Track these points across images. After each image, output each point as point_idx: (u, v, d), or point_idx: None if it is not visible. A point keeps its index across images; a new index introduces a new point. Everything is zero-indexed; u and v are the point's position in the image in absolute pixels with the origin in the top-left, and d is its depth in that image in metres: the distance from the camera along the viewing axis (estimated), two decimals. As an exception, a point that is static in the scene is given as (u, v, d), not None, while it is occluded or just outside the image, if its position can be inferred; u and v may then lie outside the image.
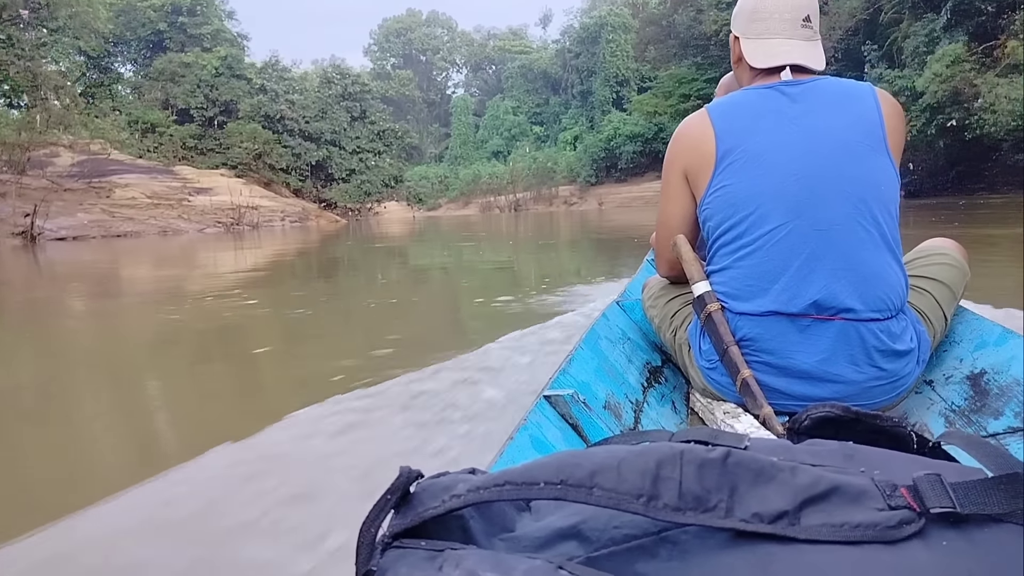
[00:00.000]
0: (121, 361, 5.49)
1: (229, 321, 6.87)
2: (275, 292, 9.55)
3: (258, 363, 5.13)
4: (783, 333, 1.79)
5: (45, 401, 4.28)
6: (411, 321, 6.71)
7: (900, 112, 1.88)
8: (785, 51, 1.91)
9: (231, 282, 11.02)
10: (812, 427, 0.91)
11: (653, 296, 2.41)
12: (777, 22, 1.92)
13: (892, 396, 1.85)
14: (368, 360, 4.68)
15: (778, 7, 1.93)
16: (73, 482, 2.89)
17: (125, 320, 7.67)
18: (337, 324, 6.79)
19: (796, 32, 1.93)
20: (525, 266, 12.59)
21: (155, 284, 11.46)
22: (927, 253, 2.19)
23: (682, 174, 1.98)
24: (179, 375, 4.94)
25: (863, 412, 0.89)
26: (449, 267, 13.44)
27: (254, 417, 3.50)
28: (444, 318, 6.94)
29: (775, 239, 1.78)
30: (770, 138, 1.82)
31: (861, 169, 1.77)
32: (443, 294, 9.12)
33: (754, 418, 1.77)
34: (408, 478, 0.67)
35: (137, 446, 3.39)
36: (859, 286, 1.75)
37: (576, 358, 2.01)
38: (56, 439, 3.48)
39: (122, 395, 4.44)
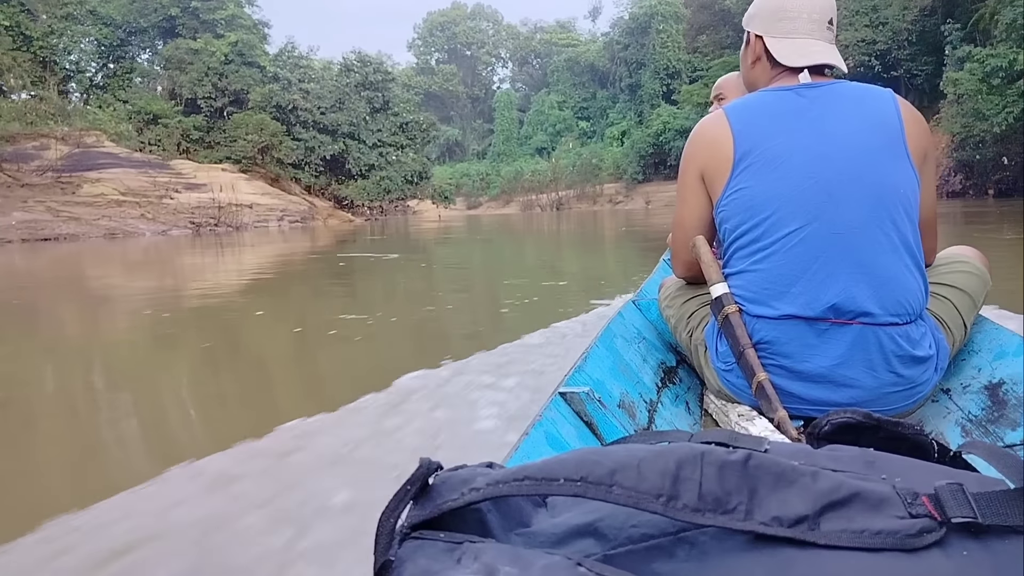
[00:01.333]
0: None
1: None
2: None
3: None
4: (800, 337, 1.76)
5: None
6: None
7: (920, 118, 1.84)
8: (817, 51, 1.86)
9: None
10: (832, 433, 0.89)
11: (670, 296, 2.37)
12: (806, 22, 1.88)
13: (909, 403, 1.81)
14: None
15: (807, 7, 1.88)
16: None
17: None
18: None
19: (823, 34, 1.89)
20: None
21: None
22: (948, 261, 2.13)
23: (699, 175, 1.93)
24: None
25: (884, 419, 0.88)
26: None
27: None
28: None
29: (793, 242, 1.74)
30: (788, 141, 1.77)
31: (880, 173, 1.73)
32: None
33: (769, 421, 1.75)
34: (428, 469, 0.67)
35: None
36: (877, 290, 1.71)
37: (591, 356, 1.97)
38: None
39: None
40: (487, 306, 7.37)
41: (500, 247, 18.80)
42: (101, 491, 2.36)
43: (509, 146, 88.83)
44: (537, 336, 4.40)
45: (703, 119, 1.97)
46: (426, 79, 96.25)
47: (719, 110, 1.90)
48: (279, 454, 2.64)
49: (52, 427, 3.57)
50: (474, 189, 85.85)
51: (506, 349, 4.07)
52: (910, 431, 0.85)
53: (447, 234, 27.32)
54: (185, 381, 4.53)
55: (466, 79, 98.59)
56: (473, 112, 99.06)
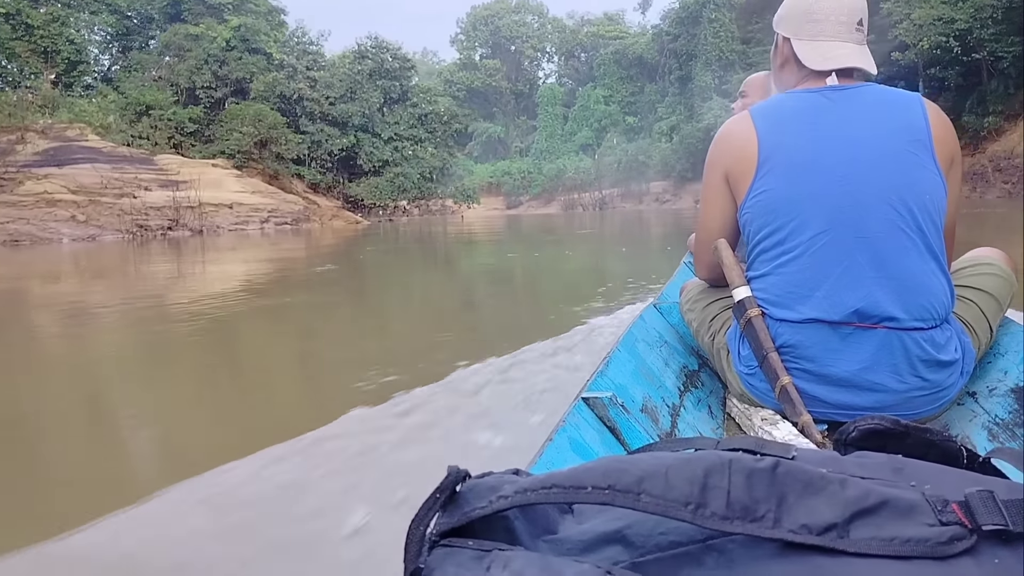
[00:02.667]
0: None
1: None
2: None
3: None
4: (824, 341, 1.73)
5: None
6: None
7: (948, 123, 1.80)
8: (844, 54, 1.83)
9: None
10: (860, 439, 0.89)
11: (691, 300, 2.34)
12: (833, 24, 1.84)
13: (934, 407, 1.78)
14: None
15: (835, 9, 1.84)
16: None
17: None
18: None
19: (851, 36, 1.85)
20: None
21: None
22: (973, 263, 2.10)
23: (723, 177, 1.90)
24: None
25: (913, 425, 0.88)
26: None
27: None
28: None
29: (817, 246, 1.72)
30: (813, 144, 1.75)
31: (906, 177, 1.71)
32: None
33: (792, 425, 1.73)
34: (456, 478, 0.66)
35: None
36: (902, 295, 1.69)
37: (613, 360, 1.96)
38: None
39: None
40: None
41: (507, 258, 15.06)
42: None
43: (552, 143, 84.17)
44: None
45: (728, 120, 1.95)
46: (468, 75, 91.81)
47: (745, 112, 1.87)
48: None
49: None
50: (515, 188, 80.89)
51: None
52: (938, 437, 0.85)
53: (462, 238, 24.57)
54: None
55: (510, 74, 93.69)
56: (517, 108, 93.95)
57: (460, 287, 10.10)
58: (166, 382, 4.59)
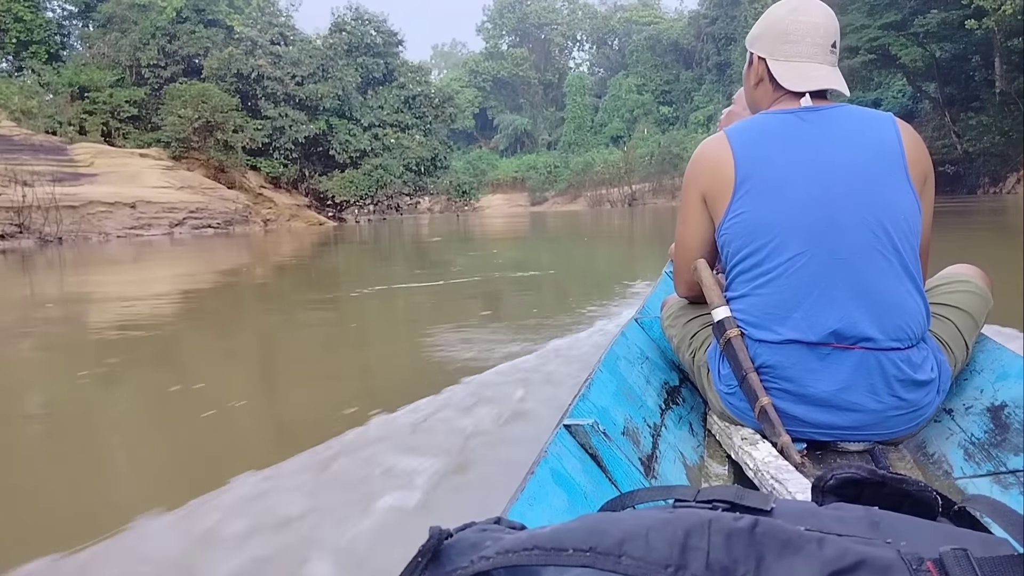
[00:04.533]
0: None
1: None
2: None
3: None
4: (802, 361, 1.72)
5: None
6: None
7: (921, 142, 1.81)
8: (819, 75, 1.82)
9: None
10: (837, 487, 0.90)
11: (672, 316, 2.29)
12: (809, 46, 1.83)
13: (911, 426, 1.77)
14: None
15: (811, 31, 1.83)
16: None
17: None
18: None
19: (825, 57, 1.84)
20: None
21: None
22: (949, 280, 2.08)
23: (700, 197, 1.89)
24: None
25: (888, 476, 0.87)
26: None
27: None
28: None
29: (794, 267, 1.71)
30: (789, 165, 1.74)
31: (881, 198, 1.71)
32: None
33: (772, 446, 1.71)
34: (438, 540, 0.67)
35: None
36: (879, 315, 1.68)
37: (595, 382, 1.91)
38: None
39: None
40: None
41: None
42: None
43: (581, 135, 77.00)
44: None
45: (705, 141, 1.94)
46: (495, 64, 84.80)
47: (721, 132, 1.87)
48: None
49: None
50: (540, 183, 73.58)
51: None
52: (914, 487, 0.84)
53: (452, 240, 21.14)
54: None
55: (538, 64, 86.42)
56: (545, 99, 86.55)
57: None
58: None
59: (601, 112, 78.49)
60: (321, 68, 34.60)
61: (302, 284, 10.56)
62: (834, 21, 1.85)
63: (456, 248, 16.95)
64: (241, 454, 3.11)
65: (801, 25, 1.82)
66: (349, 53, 37.23)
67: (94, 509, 2.63)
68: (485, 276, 10.15)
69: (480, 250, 16.28)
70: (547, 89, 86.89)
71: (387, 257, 14.90)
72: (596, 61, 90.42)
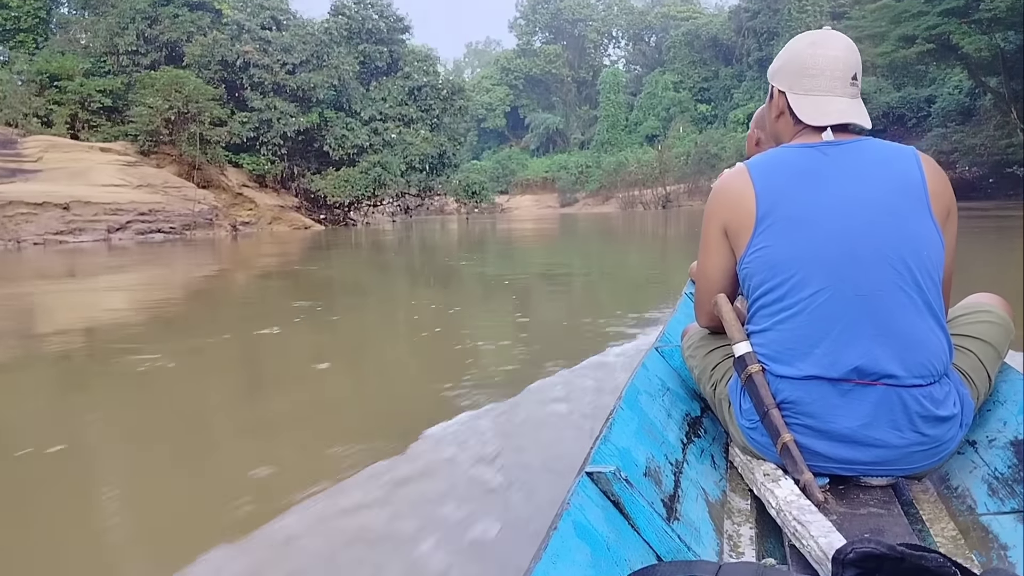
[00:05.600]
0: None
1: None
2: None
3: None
4: (824, 397, 1.69)
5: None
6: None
7: (943, 176, 1.78)
8: (839, 109, 1.80)
9: None
10: (857, 560, 0.90)
11: (693, 346, 2.23)
12: (828, 79, 1.81)
13: (934, 460, 1.73)
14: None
15: (830, 64, 1.81)
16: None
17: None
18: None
19: (846, 90, 1.82)
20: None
21: None
22: (970, 310, 2.03)
23: (722, 230, 1.87)
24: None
25: (907, 552, 0.88)
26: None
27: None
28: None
29: (816, 303, 1.69)
30: (811, 200, 1.72)
31: (904, 233, 1.68)
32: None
33: (794, 483, 1.67)
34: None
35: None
36: (901, 352, 1.65)
37: (616, 421, 1.87)
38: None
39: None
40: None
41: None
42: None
43: (615, 134, 72.87)
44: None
45: (725, 173, 1.95)
46: (527, 62, 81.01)
47: (742, 165, 1.86)
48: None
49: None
50: (570, 183, 69.66)
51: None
52: (933, 563, 0.84)
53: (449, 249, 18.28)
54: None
55: (572, 61, 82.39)
56: (579, 98, 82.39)
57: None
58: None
59: (636, 110, 74.23)
60: (315, 55, 30.53)
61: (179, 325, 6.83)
62: (855, 53, 1.82)
63: (482, 264, 13.14)
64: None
65: (820, 59, 1.80)
66: (349, 40, 33.27)
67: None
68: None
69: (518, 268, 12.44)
70: (581, 87, 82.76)
71: (354, 286, 11.07)
72: (632, 58, 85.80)
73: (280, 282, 10.93)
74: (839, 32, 1.83)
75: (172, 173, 25.31)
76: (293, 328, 6.19)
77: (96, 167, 22.55)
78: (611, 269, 12.25)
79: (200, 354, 5.24)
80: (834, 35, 1.82)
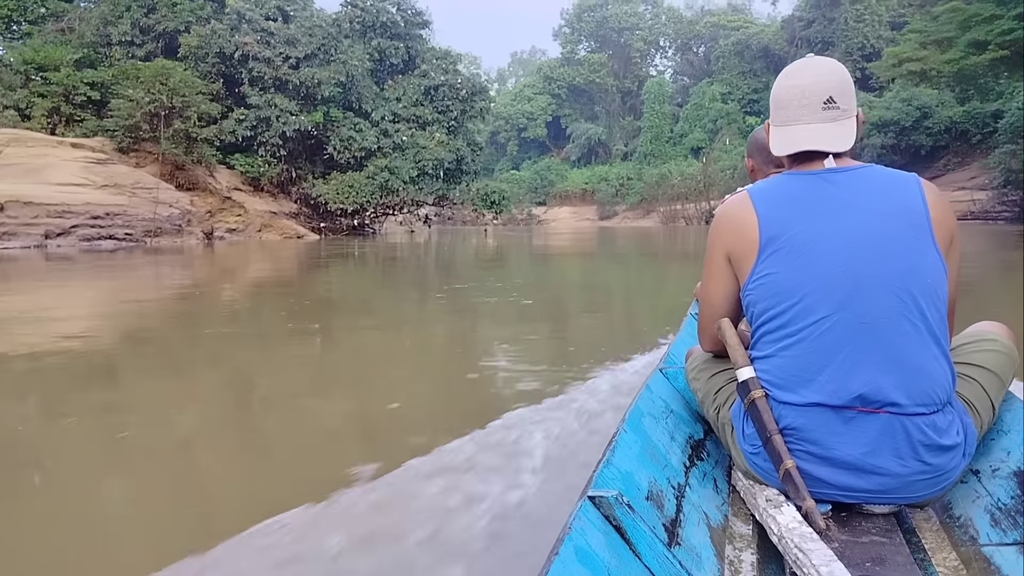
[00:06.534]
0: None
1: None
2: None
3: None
4: (827, 424, 1.69)
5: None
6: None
7: (946, 203, 1.78)
8: (803, 137, 1.80)
9: None
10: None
11: (696, 369, 2.21)
12: (796, 108, 1.81)
13: (936, 489, 1.73)
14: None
15: (793, 93, 1.82)
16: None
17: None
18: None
19: (816, 115, 1.80)
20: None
21: None
22: (975, 339, 2.01)
23: (725, 256, 1.87)
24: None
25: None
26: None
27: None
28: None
29: (820, 331, 1.68)
30: (815, 227, 1.72)
31: (907, 261, 1.69)
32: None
33: (796, 509, 1.67)
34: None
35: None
36: (904, 380, 1.65)
37: (620, 444, 1.86)
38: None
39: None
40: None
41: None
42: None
43: (658, 145, 69.28)
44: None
45: (728, 200, 1.95)
46: (570, 70, 77.85)
47: (744, 192, 1.85)
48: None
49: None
50: (610, 195, 66.31)
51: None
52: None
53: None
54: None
55: (617, 70, 78.81)
56: (622, 108, 78.75)
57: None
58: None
59: (682, 121, 70.73)
60: (322, 49, 27.41)
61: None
62: (831, 75, 1.80)
63: (480, 290, 9.95)
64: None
65: (787, 90, 1.82)
66: (363, 34, 30.21)
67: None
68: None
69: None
70: (625, 97, 79.08)
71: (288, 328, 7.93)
72: (679, 68, 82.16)
73: (190, 307, 7.87)
74: (824, 58, 1.82)
75: (151, 174, 22.43)
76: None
77: (59, 164, 19.78)
78: (649, 294, 9.04)
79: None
80: (810, 63, 1.82)
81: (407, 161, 28.84)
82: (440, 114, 30.92)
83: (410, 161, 28.92)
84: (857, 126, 1.80)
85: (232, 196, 24.87)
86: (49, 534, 2.41)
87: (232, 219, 23.54)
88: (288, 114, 26.47)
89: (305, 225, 27.27)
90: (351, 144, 28.26)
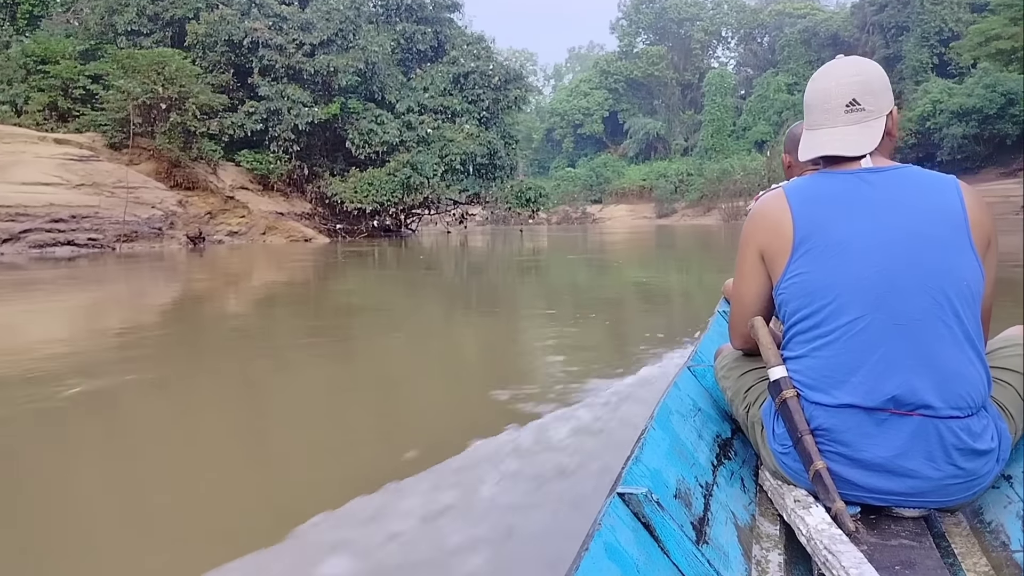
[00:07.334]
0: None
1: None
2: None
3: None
4: (859, 426, 1.65)
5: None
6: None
7: (984, 205, 1.72)
8: (823, 141, 1.77)
9: None
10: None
11: (726, 367, 2.16)
12: (820, 113, 1.78)
13: (969, 494, 1.67)
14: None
15: (817, 98, 1.79)
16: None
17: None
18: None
19: (839, 119, 1.76)
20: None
21: None
22: (1010, 343, 1.95)
23: (758, 254, 1.84)
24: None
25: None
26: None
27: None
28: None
29: (853, 331, 1.64)
30: (850, 227, 1.68)
31: (943, 263, 1.64)
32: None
33: (825, 510, 1.63)
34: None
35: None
36: (939, 383, 1.61)
37: (648, 441, 1.83)
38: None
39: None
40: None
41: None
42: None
43: (720, 139, 65.87)
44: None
45: (763, 197, 1.91)
46: (628, 64, 74.48)
47: (779, 190, 1.81)
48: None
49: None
50: (669, 192, 62.85)
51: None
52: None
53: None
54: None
55: (677, 63, 75.10)
56: (682, 102, 74.87)
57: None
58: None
59: (745, 114, 67.26)
60: (340, 34, 24.85)
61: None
62: (855, 77, 1.73)
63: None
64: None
65: (813, 94, 1.79)
66: (387, 18, 27.53)
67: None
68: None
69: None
70: (685, 90, 75.25)
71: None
72: (742, 59, 77.83)
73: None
74: (852, 58, 1.78)
75: (146, 171, 20.16)
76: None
77: (31, 162, 17.56)
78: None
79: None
80: (835, 65, 1.78)
81: (431, 155, 25.94)
82: (471, 104, 27.81)
83: (435, 155, 26.03)
84: (891, 123, 1.74)
85: (236, 196, 22.41)
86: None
87: (234, 221, 21.09)
88: (301, 105, 23.88)
89: (320, 227, 24.74)
90: (371, 138, 25.45)
